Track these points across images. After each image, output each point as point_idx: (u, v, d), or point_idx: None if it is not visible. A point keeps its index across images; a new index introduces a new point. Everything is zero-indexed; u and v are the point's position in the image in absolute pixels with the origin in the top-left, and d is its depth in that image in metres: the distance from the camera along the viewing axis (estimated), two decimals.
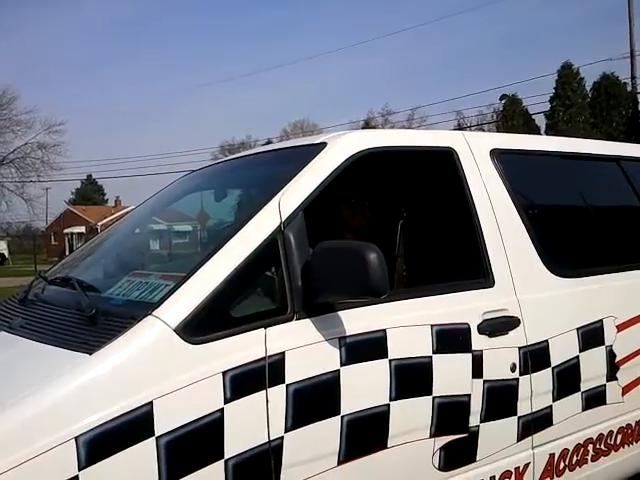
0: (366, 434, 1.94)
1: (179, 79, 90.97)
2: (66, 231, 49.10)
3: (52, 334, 1.85)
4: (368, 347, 1.95)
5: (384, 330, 1.98)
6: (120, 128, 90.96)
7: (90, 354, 1.64)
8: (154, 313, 1.71)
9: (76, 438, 1.51)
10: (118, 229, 3.01)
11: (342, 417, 1.87)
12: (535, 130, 21.99)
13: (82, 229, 47.26)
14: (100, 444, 1.53)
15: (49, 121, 36.80)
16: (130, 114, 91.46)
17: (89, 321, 1.81)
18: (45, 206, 45.14)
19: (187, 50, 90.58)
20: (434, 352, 2.06)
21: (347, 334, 1.91)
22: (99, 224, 40.14)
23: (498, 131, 20.61)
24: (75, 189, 59.08)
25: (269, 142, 27.39)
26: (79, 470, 1.50)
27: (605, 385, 2.56)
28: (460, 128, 23.72)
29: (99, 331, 1.75)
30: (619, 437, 2.66)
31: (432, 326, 2.07)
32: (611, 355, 2.57)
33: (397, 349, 1.99)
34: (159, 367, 1.65)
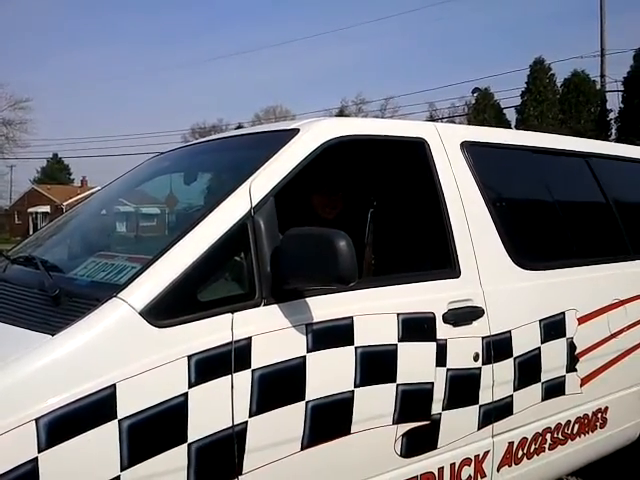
0: (330, 420, 1.95)
1: (151, 59, 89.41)
2: (30, 210, 48.02)
3: (13, 314, 1.81)
4: (335, 334, 1.96)
5: (351, 317, 1.99)
6: (89, 108, 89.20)
7: (52, 335, 1.61)
8: (119, 295, 1.69)
9: (36, 420, 1.48)
10: (84, 209, 2.95)
11: (307, 403, 1.88)
12: (506, 124, 22.24)
13: (47, 209, 46.29)
14: (61, 426, 1.51)
15: (15, 97, 35.91)
16: (99, 93, 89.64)
17: (52, 301, 1.77)
18: (9, 184, 44.13)
19: (160, 30, 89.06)
20: (399, 340, 2.08)
21: (314, 321, 1.91)
22: (64, 204, 39.38)
23: (469, 124, 20.81)
24: (40, 168, 57.76)
25: (240, 126, 27.16)
26: (39, 452, 1.48)
27: (565, 376, 2.62)
28: (432, 119, 23.85)
29: (62, 312, 1.72)
30: (576, 427, 2.73)
31: (398, 314, 2.09)
32: (571, 347, 2.63)
33: (363, 336, 2.00)
34: (123, 350, 1.63)
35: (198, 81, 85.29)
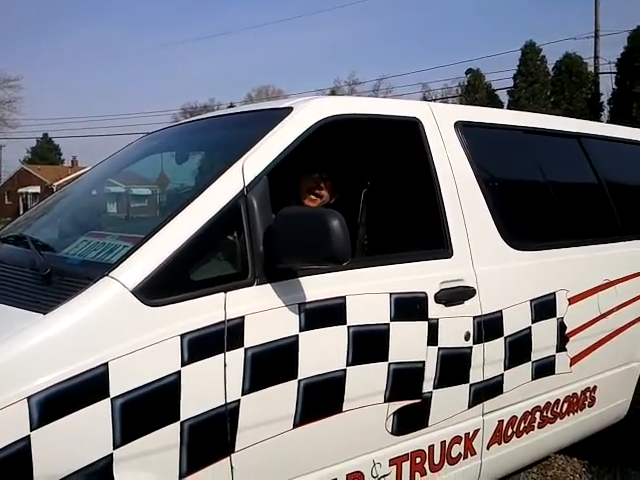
0: (322, 398, 1.96)
1: (142, 38, 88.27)
2: (20, 190, 47.60)
3: (4, 293, 1.81)
4: (327, 313, 1.96)
5: (344, 297, 1.99)
6: (79, 87, 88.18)
7: (44, 314, 1.60)
8: (111, 274, 1.68)
9: (28, 398, 1.48)
10: (74, 189, 2.93)
11: (299, 381, 1.89)
12: (499, 105, 22.21)
13: (37, 189, 45.90)
14: (53, 404, 1.51)
15: (4, 76, 35.45)
16: (89, 73, 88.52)
17: (43, 280, 1.76)
18: None
19: (150, 10, 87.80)
20: (392, 319, 2.09)
21: (307, 300, 1.91)
22: (55, 184, 38.99)
23: (462, 105, 20.71)
24: (30, 148, 57.21)
25: (232, 106, 26.93)
26: (31, 430, 1.48)
27: (555, 356, 2.65)
28: (425, 100, 23.74)
29: (54, 291, 1.71)
30: (565, 405, 2.76)
31: (391, 294, 2.10)
32: (562, 327, 2.65)
33: (356, 316, 2.01)
34: (115, 328, 1.63)
35: (189, 61, 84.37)
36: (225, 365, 1.75)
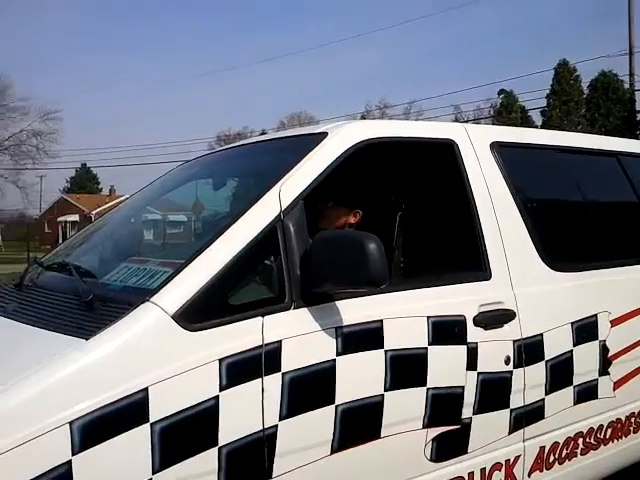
0: (360, 424, 1.94)
1: (176, 68, 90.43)
2: (60, 219, 48.85)
3: (48, 319, 1.84)
4: (365, 337, 1.95)
5: (381, 321, 1.98)
6: (117, 117, 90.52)
7: (87, 339, 1.63)
8: (152, 299, 1.71)
9: (70, 423, 1.50)
10: (113, 218, 2.99)
11: (337, 407, 1.88)
12: (532, 126, 21.99)
13: (76, 217, 47.03)
14: (94, 429, 1.53)
15: (44, 109, 36.67)
16: (127, 103, 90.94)
17: (86, 306, 1.80)
18: (39, 194, 44.98)
19: (186, 39, 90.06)
20: (430, 343, 2.07)
21: (344, 324, 1.91)
22: (93, 212, 39.97)
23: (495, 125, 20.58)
24: (70, 177, 58.79)
25: (264, 133, 27.27)
26: (72, 455, 1.50)
27: (597, 380, 2.58)
28: (457, 122, 23.64)
29: (96, 316, 1.74)
30: (609, 431, 2.68)
31: (428, 317, 2.08)
32: (604, 350, 2.59)
33: (393, 340, 1.99)
34: (155, 353, 1.65)
35: (221, 90, 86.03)
36: (263, 390, 1.75)
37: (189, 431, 1.66)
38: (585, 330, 2.51)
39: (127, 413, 1.57)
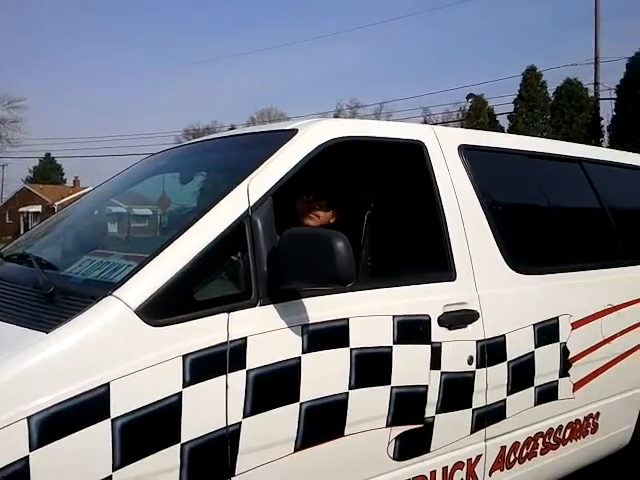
0: (324, 422, 1.94)
1: (142, 61, 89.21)
2: (21, 210, 47.65)
3: (7, 311, 1.80)
4: (330, 335, 1.95)
5: (347, 319, 1.98)
6: (82, 108, 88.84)
7: (47, 332, 1.59)
8: (114, 293, 1.68)
9: (28, 418, 1.47)
10: (76, 209, 2.94)
11: (301, 404, 1.87)
12: (499, 130, 22.35)
13: (38, 208, 45.95)
14: (53, 425, 1.50)
15: (8, 97, 35.77)
16: (93, 94, 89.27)
17: (47, 299, 1.76)
18: (0, 183, 43.86)
19: (152, 33, 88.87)
20: (395, 342, 2.08)
21: (310, 322, 1.90)
22: (56, 204, 39.13)
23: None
24: (33, 167, 57.41)
25: (233, 128, 27.10)
26: (30, 451, 1.46)
27: (558, 381, 2.63)
28: (426, 124, 23.87)
29: (57, 309, 1.70)
30: (568, 432, 2.73)
31: (394, 317, 2.09)
32: (565, 352, 2.64)
33: (359, 338, 1.99)
34: (117, 348, 1.62)
35: (190, 83, 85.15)
36: (227, 387, 1.74)
37: (151, 427, 1.63)
38: (547, 332, 2.56)
39: (87, 408, 1.54)
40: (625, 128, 19.89)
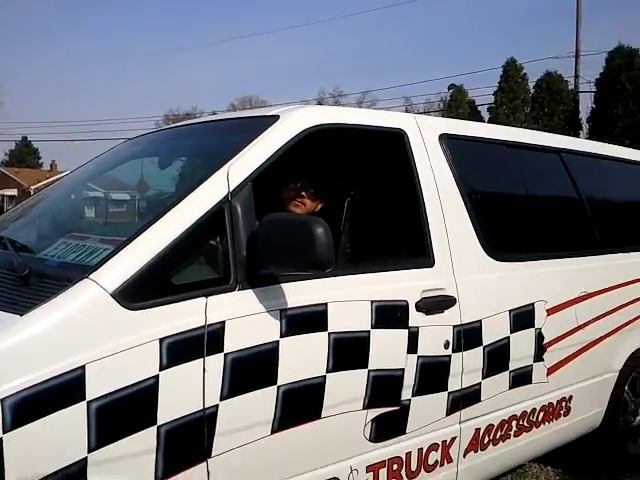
0: (301, 404, 1.96)
1: (124, 46, 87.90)
2: None
3: None
4: (309, 320, 1.96)
5: (325, 304, 1.99)
6: (60, 91, 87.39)
7: (21, 315, 1.58)
8: (91, 276, 1.67)
9: (2, 400, 1.46)
10: (52, 193, 2.90)
11: (278, 387, 1.89)
12: (480, 121, 22.44)
13: (14, 192, 45.19)
14: (27, 407, 1.49)
15: None
16: (71, 78, 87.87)
17: (21, 281, 1.74)
18: None
19: (133, 18, 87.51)
20: (372, 327, 2.10)
21: (289, 306, 1.91)
22: (32, 187, 38.51)
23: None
24: (9, 150, 56.42)
25: (214, 114, 26.83)
26: (3, 433, 1.45)
27: (532, 365, 2.68)
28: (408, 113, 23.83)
29: (31, 292, 1.69)
30: (541, 415, 2.79)
31: (372, 302, 2.11)
32: (539, 338, 2.68)
33: (337, 323, 2.01)
34: (93, 331, 1.61)
35: (172, 69, 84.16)
36: (204, 370, 1.74)
37: (127, 410, 1.63)
38: (522, 318, 2.60)
39: (62, 391, 1.54)
40: (603, 121, 20.08)
